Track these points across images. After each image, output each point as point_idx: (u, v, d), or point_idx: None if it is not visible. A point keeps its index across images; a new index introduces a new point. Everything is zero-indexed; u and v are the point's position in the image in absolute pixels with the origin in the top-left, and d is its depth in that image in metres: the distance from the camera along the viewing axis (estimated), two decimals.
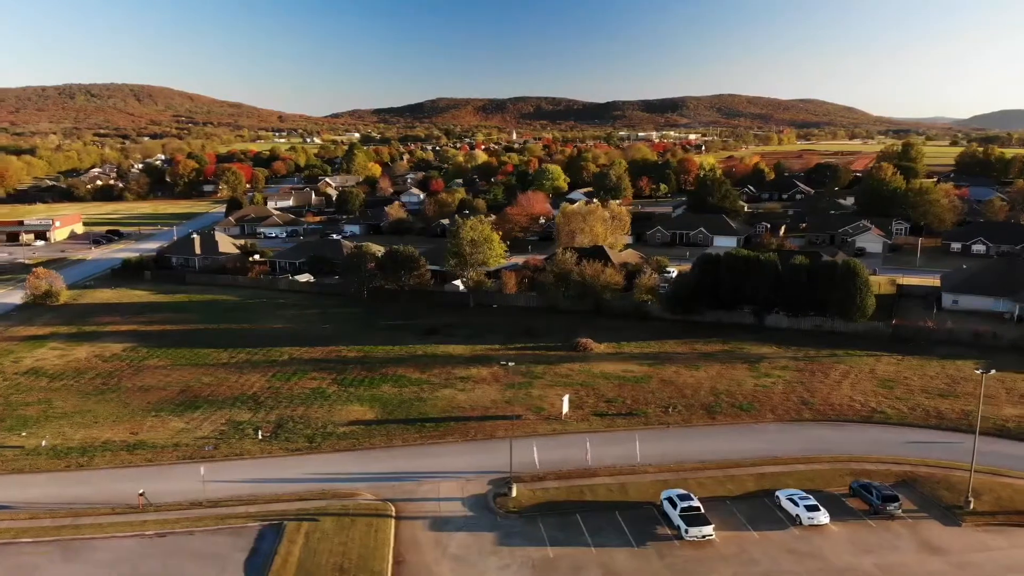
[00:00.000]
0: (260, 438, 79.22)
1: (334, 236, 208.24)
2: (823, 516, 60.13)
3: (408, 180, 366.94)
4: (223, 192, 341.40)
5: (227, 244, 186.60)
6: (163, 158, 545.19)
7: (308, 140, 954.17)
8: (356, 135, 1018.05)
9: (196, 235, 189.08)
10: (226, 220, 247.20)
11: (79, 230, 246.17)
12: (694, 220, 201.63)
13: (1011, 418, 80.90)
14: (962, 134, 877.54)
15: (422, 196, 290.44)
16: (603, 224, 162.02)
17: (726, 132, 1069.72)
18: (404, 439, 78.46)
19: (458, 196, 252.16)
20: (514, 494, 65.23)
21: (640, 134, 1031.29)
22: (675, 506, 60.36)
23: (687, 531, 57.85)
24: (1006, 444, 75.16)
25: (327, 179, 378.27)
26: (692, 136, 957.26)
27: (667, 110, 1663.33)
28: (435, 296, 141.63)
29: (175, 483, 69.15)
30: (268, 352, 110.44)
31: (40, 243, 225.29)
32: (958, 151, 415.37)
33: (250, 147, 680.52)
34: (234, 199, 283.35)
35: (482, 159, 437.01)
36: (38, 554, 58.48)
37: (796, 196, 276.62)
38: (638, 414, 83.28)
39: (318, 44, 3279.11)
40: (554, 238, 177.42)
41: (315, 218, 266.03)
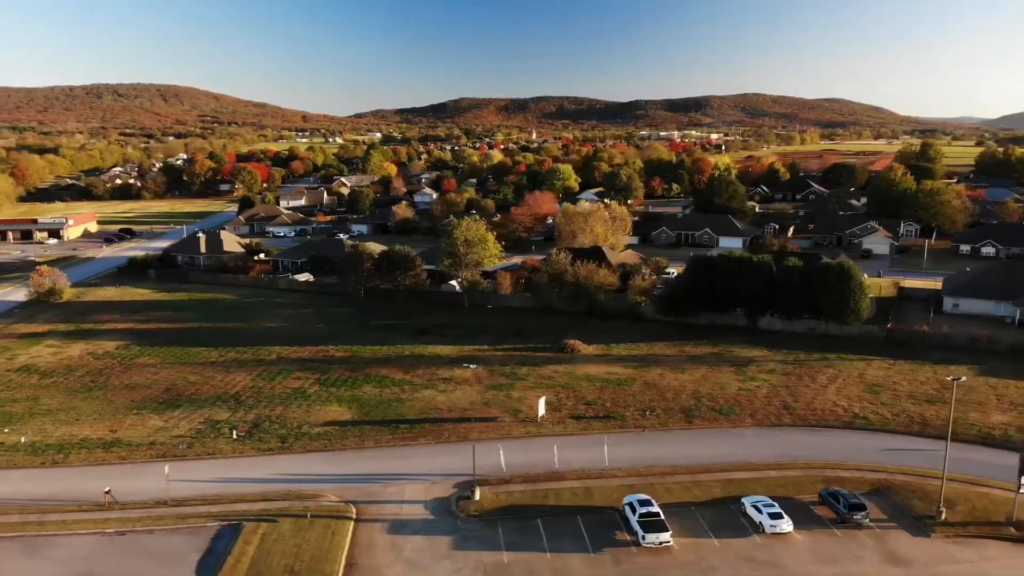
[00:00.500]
0: (235, 438, 79.36)
1: (341, 236, 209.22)
2: (786, 524, 58.89)
3: (423, 180, 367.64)
4: (239, 191, 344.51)
5: (232, 243, 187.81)
6: (184, 157, 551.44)
7: (330, 140, 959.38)
8: (378, 135, 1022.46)
9: (201, 234, 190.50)
10: (236, 219, 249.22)
11: (93, 228, 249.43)
12: (700, 221, 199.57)
13: (998, 426, 78.83)
14: (989, 134, 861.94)
15: (435, 196, 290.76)
16: (603, 224, 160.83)
17: (749, 132, 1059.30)
18: (377, 440, 78.19)
19: (466, 196, 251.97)
20: (477, 497, 64.69)
21: (661, 133, 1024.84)
22: (635, 512, 59.48)
23: (644, 537, 56.96)
24: (990, 452, 73.15)
25: (342, 179, 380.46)
26: (714, 136, 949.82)
27: (691, 109, 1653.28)
28: (431, 296, 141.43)
29: (145, 481, 69.32)
30: (257, 351, 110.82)
31: (53, 241, 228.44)
32: (981, 151, 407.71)
33: (270, 147, 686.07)
34: (246, 198, 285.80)
35: (497, 159, 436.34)
36: (0, 550, 59.04)
37: (810, 197, 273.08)
38: (616, 417, 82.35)
39: (343, 44, 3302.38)
40: (554, 238, 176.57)
41: (326, 217, 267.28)
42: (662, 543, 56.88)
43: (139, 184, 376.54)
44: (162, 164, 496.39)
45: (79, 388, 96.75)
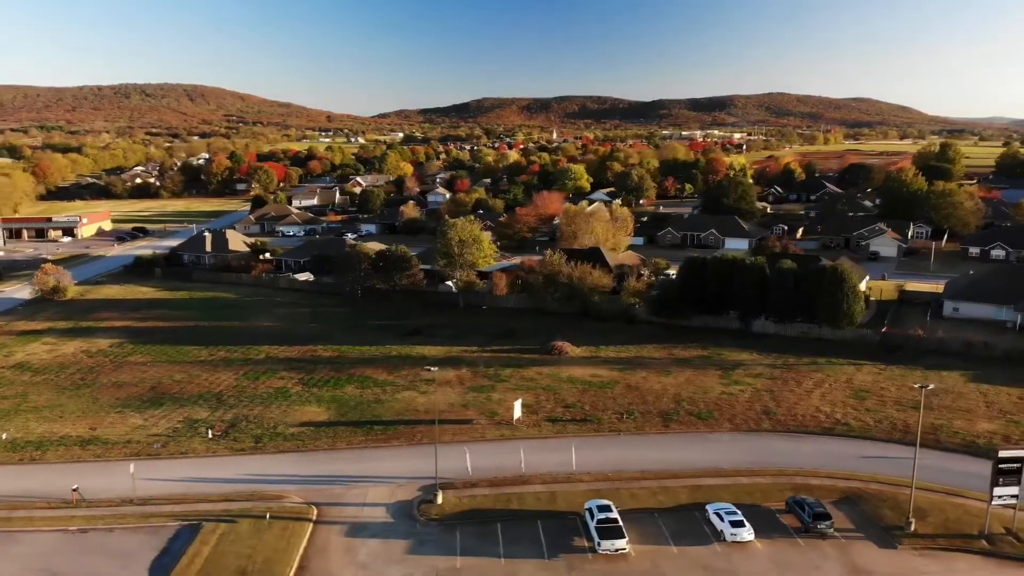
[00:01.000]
0: (210, 437, 79.63)
1: (348, 235, 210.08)
2: (747, 533, 57.77)
3: (437, 180, 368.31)
4: (255, 191, 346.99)
5: (237, 242, 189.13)
6: (206, 157, 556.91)
7: (352, 140, 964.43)
8: (400, 135, 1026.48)
9: (208, 233, 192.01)
10: (247, 218, 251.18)
11: (107, 227, 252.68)
12: (706, 221, 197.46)
13: (983, 434, 76.87)
14: (1018, 135, 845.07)
15: (448, 195, 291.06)
16: (604, 225, 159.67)
17: (772, 132, 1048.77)
18: (349, 442, 78.07)
19: (475, 196, 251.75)
20: (439, 501, 64.27)
21: (684, 133, 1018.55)
22: (593, 517, 58.73)
23: (599, 544, 56.20)
24: (972, 462, 71.05)
25: (358, 179, 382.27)
26: (736, 136, 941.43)
27: (715, 109, 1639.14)
28: (427, 296, 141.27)
29: (117, 480, 69.54)
30: (247, 351, 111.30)
31: (67, 239, 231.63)
32: (1003, 152, 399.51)
33: (292, 147, 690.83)
34: (258, 197, 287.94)
35: (513, 159, 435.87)
36: None
37: (824, 197, 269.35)
38: (592, 420, 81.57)
39: (368, 45, 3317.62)
40: (555, 239, 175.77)
41: (337, 217, 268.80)
42: (617, 550, 56.07)
43: (157, 183, 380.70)
44: (181, 164, 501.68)
45: (68, 386, 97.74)
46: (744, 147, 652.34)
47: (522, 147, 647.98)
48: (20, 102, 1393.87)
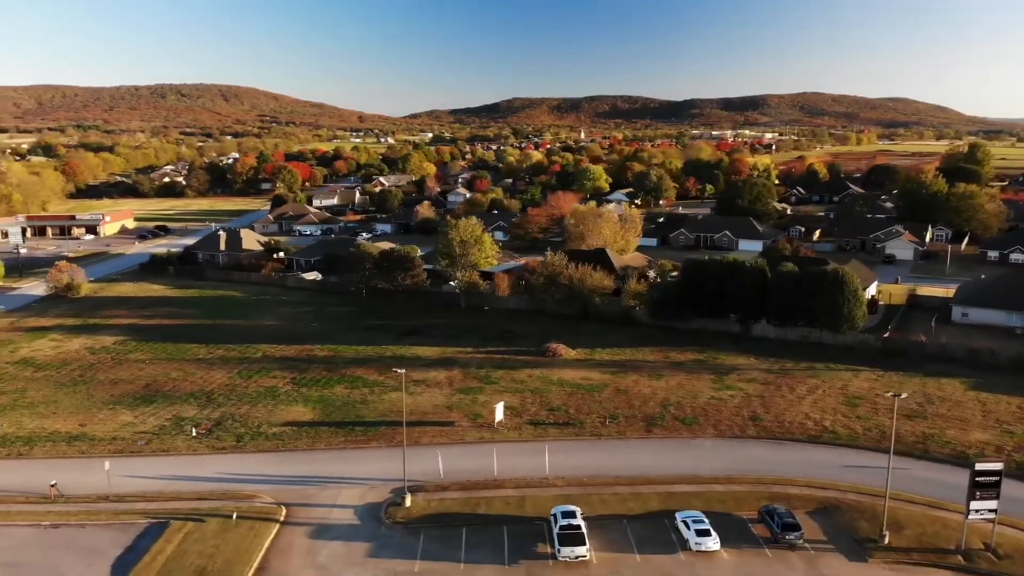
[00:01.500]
0: (194, 435, 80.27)
1: (362, 235, 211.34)
2: (712, 542, 56.62)
3: (459, 180, 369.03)
4: (279, 190, 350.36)
5: (251, 241, 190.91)
6: (236, 156, 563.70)
7: (382, 140, 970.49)
8: (429, 135, 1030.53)
9: (222, 231, 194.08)
10: (266, 217, 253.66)
11: (130, 225, 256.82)
12: (720, 223, 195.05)
13: (975, 444, 74.61)
14: None
15: (468, 195, 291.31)
16: (612, 226, 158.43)
17: (805, 132, 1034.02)
18: (329, 443, 78.17)
19: (491, 196, 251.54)
20: (407, 504, 64.00)
21: (714, 133, 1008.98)
22: (557, 523, 58.03)
23: (559, 551, 55.49)
24: (958, 473, 68.43)
25: (380, 178, 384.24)
26: (767, 136, 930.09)
27: (747, 108, 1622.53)
28: (430, 296, 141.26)
29: (98, 476, 70.20)
30: (245, 349, 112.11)
31: (89, 237, 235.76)
32: None
33: (320, 146, 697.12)
34: (278, 196, 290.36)
35: (535, 159, 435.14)
36: None
37: (846, 199, 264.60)
38: (574, 424, 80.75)
39: (399, 46, 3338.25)
40: (565, 240, 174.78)
41: (356, 216, 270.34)
42: (577, 557, 55.32)
43: (184, 182, 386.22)
44: (207, 163, 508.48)
45: (66, 382, 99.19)
46: (773, 147, 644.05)
47: (547, 147, 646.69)
48: (59, 101, 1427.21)
